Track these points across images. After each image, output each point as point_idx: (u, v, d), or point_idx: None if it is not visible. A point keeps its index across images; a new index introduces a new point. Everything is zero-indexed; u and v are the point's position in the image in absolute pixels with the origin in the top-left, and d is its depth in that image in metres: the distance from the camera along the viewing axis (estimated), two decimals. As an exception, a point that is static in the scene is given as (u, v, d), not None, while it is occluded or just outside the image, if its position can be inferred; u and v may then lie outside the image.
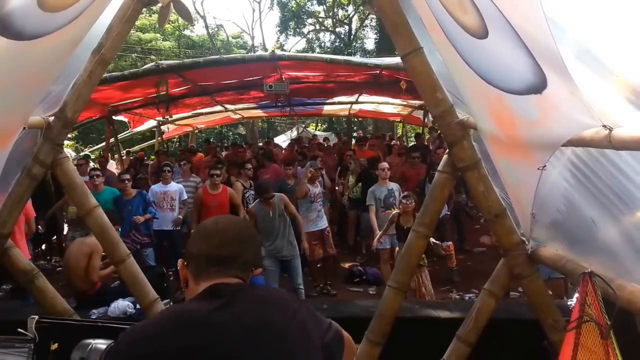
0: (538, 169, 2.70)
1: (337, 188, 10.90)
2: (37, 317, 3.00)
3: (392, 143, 16.22)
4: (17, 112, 3.53)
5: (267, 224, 7.05)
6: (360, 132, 24.14)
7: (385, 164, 8.65)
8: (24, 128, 3.76)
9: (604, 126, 1.90)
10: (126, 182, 7.95)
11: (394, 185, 8.40)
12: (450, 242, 8.63)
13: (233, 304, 1.52)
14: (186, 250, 1.72)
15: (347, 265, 9.58)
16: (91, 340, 2.83)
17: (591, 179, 2.46)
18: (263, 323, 1.51)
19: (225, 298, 1.53)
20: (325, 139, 22.07)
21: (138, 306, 4.79)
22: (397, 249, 7.31)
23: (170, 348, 1.41)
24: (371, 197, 8.30)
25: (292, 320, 1.57)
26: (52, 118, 4.04)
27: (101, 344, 2.83)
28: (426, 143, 13.57)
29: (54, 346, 2.90)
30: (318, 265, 8.40)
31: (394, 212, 7.41)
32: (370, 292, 8.17)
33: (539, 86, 2.17)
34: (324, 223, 8.31)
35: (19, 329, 2.92)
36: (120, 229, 6.97)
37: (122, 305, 5.16)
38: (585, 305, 2.38)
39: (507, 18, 2.06)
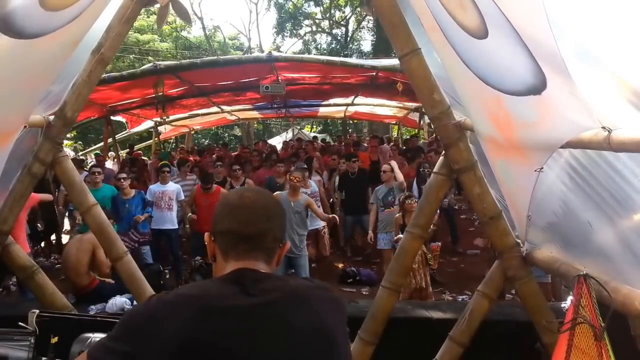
0: (535, 170, 2.71)
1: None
2: (37, 311, 3.02)
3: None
4: (18, 110, 3.55)
5: None
6: (354, 135, 24.03)
7: (386, 166, 8.69)
8: (25, 126, 3.78)
9: (603, 128, 1.90)
10: (122, 181, 7.97)
11: (394, 184, 8.36)
12: (439, 243, 8.63)
13: (258, 295, 1.45)
14: (213, 225, 1.61)
15: (340, 266, 9.61)
16: (90, 334, 2.85)
17: (588, 181, 2.46)
18: (284, 323, 1.44)
19: (252, 289, 1.46)
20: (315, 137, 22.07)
21: (135, 303, 4.81)
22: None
23: (184, 328, 1.36)
24: (374, 197, 8.40)
25: (311, 319, 1.49)
26: (52, 117, 4.08)
27: (100, 337, 2.86)
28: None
29: (54, 339, 2.91)
30: (313, 265, 8.44)
31: (397, 214, 7.43)
32: (364, 293, 8.19)
33: (538, 87, 2.17)
34: (319, 223, 8.33)
35: (20, 323, 2.94)
36: (116, 225, 7.06)
37: (119, 301, 5.16)
38: (580, 307, 2.39)
39: (508, 18, 2.06)
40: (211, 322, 1.38)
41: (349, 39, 34.12)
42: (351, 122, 28.23)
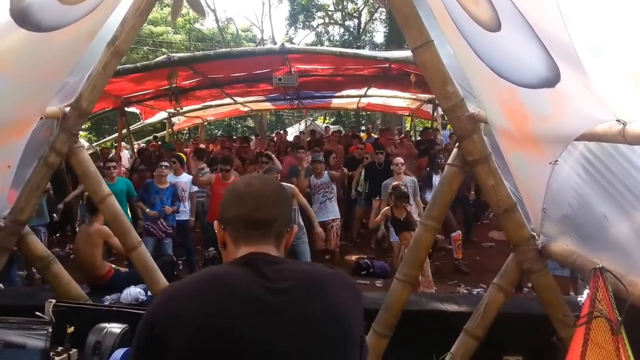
0: (550, 163, 2.70)
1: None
2: (54, 301, 3.05)
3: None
4: (35, 102, 3.60)
5: None
6: (370, 126, 24.03)
7: (399, 159, 8.64)
8: (41, 118, 3.83)
9: (618, 121, 1.89)
10: (163, 169, 8.04)
11: (408, 180, 8.27)
12: (459, 232, 8.62)
13: (274, 280, 1.47)
14: (221, 213, 1.64)
15: (353, 258, 9.59)
16: (106, 324, 2.90)
17: (604, 174, 2.45)
18: (300, 310, 1.46)
19: (267, 272, 1.49)
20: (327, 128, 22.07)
21: (150, 293, 4.84)
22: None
23: (203, 311, 1.40)
24: (384, 191, 8.35)
25: (327, 306, 1.50)
26: (68, 108, 4.12)
27: (116, 328, 2.90)
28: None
29: (70, 329, 2.95)
30: (326, 257, 8.45)
31: (386, 207, 7.39)
32: (378, 285, 8.16)
33: (552, 80, 2.16)
34: (328, 215, 8.31)
35: (37, 313, 2.97)
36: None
37: (134, 291, 5.19)
38: (596, 300, 2.37)
39: (521, 11, 2.05)
40: (227, 307, 1.41)
41: (361, 30, 33.98)
42: (364, 113, 28.16)
